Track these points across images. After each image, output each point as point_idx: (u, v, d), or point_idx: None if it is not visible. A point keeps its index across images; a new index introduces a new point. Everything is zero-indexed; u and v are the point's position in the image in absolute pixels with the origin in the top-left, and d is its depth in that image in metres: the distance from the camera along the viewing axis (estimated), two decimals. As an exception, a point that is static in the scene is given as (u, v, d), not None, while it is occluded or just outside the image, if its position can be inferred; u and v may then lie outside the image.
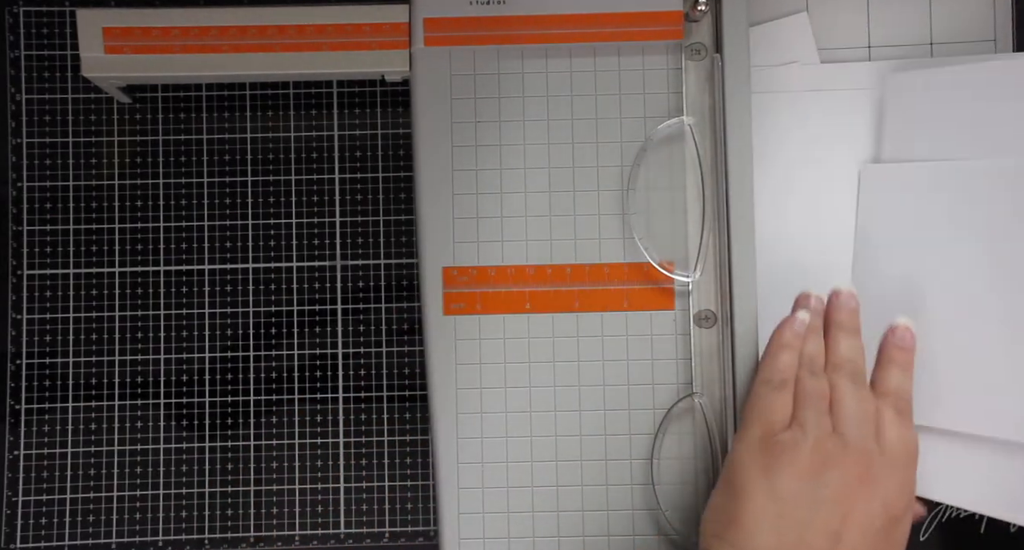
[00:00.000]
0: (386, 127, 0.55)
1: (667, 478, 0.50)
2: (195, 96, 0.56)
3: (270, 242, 0.55)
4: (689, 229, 0.50)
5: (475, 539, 0.50)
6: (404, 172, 0.55)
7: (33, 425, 0.54)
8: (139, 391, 0.55)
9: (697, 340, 0.50)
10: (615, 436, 0.50)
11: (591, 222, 0.51)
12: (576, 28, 0.51)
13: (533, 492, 0.50)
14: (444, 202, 0.51)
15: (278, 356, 0.55)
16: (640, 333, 0.50)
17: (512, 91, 0.52)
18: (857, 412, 0.45)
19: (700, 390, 0.50)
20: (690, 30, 0.51)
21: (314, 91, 0.56)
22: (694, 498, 0.50)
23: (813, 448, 0.44)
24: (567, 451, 0.50)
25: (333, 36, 0.51)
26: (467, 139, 0.51)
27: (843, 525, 0.43)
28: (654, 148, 0.51)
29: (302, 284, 0.55)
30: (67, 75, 0.55)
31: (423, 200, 0.51)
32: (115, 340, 0.55)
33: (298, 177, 0.55)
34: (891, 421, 0.45)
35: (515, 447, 0.50)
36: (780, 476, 0.44)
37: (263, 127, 0.55)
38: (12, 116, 0.55)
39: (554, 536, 0.50)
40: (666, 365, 0.50)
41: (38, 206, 0.55)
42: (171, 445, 0.55)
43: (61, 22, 0.55)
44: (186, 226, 0.55)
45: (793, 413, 0.45)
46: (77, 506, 0.54)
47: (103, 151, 0.55)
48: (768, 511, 0.43)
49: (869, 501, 0.43)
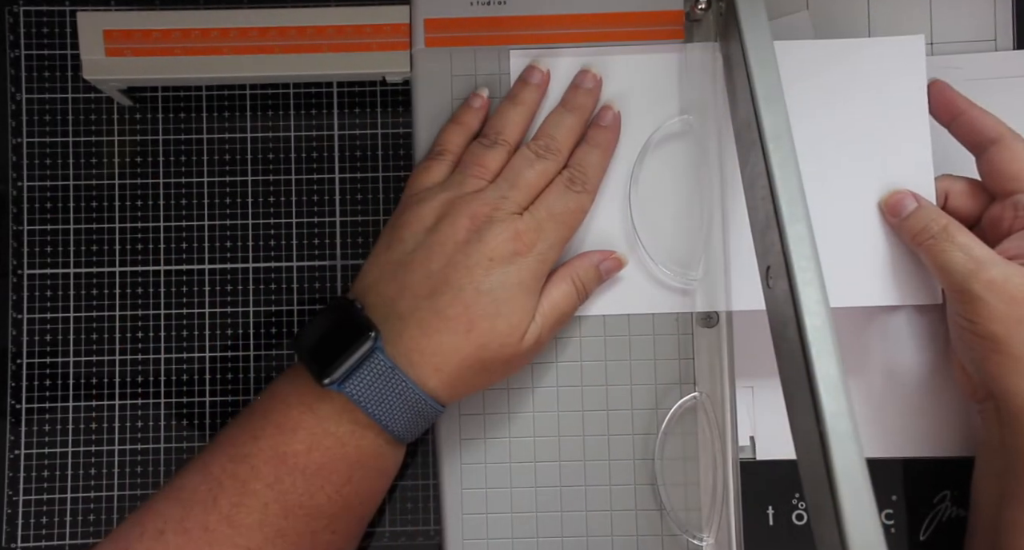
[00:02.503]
0: (386, 127, 0.55)
1: (670, 478, 0.50)
2: (195, 96, 0.56)
3: (270, 242, 0.55)
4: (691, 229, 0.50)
5: (479, 539, 0.50)
6: (404, 172, 0.55)
7: (34, 424, 0.54)
8: (139, 391, 0.55)
9: (700, 340, 0.50)
10: (618, 436, 0.50)
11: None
12: (577, 28, 0.51)
13: (536, 492, 0.50)
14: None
15: (278, 356, 0.55)
16: (642, 333, 0.50)
17: (513, 91, 0.52)
18: (517, 177, 0.47)
19: (703, 390, 0.50)
20: (691, 29, 0.51)
21: (314, 91, 0.56)
22: (698, 498, 0.50)
23: (442, 202, 0.47)
24: (570, 451, 0.50)
25: (334, 37, 0.51)
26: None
27: (442, 266, 0.45)
28: (656, 147, 0.51)
29: (302, 284, 0.55)
30: (67, 75, 0.55)
31: (424, 200, 0.51)
32: (115, 340, 0.55)
33: (298, 177, 0.55)
34: (555, 187, 0.48)
35: (518, 447, 0.50)
36: (399, 227, 0.47)
37: (263, 127, 0.55)
38: (12, 116, 0.55)
39: (557, 536, 0.50)
40: (669, 365, 0.50)
41: (38, 206, 0.55)
42: (171, 445, 0.54)
43: (61, 22, 0.55)
44: (186, 226, 0.55)
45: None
46: (77, 506, 0.54)
47: (103, 151, 0.55)
48: (379, 257, 0.47)
49: (472, 243, 0.45)
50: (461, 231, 0.45)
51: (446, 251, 0.45)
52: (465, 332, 0.44)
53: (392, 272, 0.46)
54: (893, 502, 0.52)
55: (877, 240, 0.49)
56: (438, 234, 0.45)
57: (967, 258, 0.45)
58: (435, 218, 0.46)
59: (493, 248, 0.45)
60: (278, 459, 0.44)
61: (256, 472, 0.43)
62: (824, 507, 0.35)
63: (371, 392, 0.44)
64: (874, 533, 0.34)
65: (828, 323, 0.37)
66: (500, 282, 0.45)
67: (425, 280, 0.45)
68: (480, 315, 0.44)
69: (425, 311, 0.44)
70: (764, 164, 0.41)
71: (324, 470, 0.44)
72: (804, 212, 0.39)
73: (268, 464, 0.43)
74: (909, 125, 0.49)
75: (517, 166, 0.48)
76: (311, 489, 0.44)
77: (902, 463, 0.52)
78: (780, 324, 0.40)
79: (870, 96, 0.50)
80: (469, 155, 0.49)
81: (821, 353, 0.37)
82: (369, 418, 0.44)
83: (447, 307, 0.44)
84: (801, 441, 0.38)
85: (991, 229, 0.48)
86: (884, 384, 0.52)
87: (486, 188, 0.47)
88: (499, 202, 0.46)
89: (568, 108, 0.50)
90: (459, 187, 0.47)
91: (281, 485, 0.43)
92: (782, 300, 0.39)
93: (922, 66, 0.49)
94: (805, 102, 0.50)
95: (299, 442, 0.44)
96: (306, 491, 0.44)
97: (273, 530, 0.43)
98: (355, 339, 0.43)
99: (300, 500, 0.44)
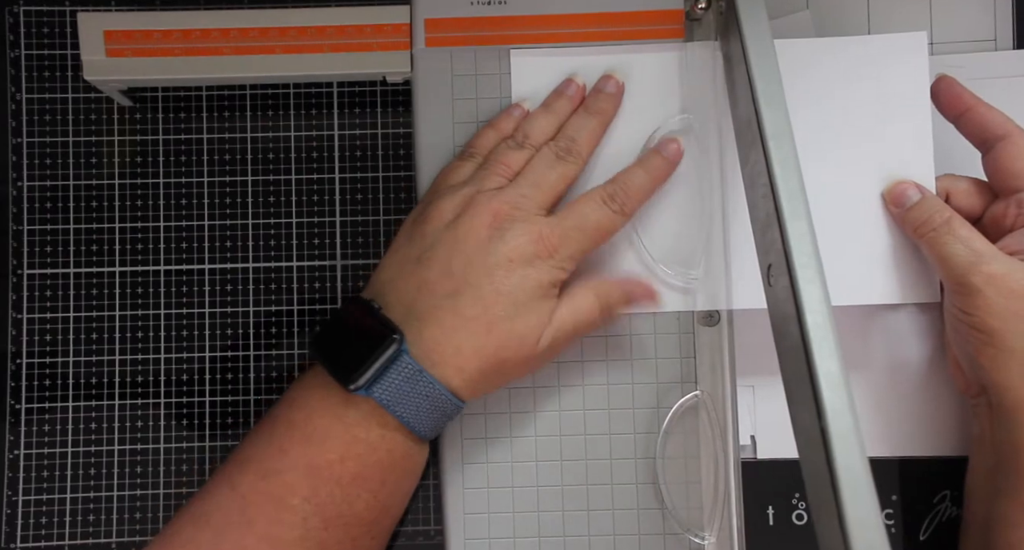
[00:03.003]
0: (386, 127, 0.55)
1: (671, 477, 0.50)
2: (195, 96, 0.56)
3: (270, 242, 0.55)
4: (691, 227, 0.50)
5: (480, 539, 0.50)
6: (404, 172, 0.55)
7: (33, 425, 0.54)
8: (139, 391, 0.54)
9: (701, 339, 0.50)
10: (619, 435, 0.50)
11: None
12: (577, 28, 0.51)
13: (538, 491, 0.50)
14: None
15: (278, 356, 0.55)
16: (643, 332, 0.50)
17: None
18: (537, 176, 0.47)
19: (704, 389, 0.50)
20: (691, 28, 0.51)
21: (314, 91, 0.56)
22: (699, 496, 0.50)
23: (464, 197, 0.46)
24: (571, 450, 0.50)
25: (334, 37, 0.51)
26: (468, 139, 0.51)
27: (462, 264, 0.45)
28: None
29: (302, 284, 0.55)
30: (67, 75, 0.55)
31: (424, 200, 0.51)
32: (115, 340, 0.55)
33: (298, 177, 0.55)
34: (591, 200, 0.47)
35: (519, 447, 0.50)
36: (421, 222, 0.46)
37: (263, 127, 0.55)
38: (12, 116, 0.55)
39: (559, 535, 0.50)
40: (670, 364, 0.50)
41: (38, 206, 0.55)
42: (171, 445, 0.54)
43: (61, 22, 0.55)
44: (186, 226, 0.55)
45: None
46: (77, 506, 0.54)
47: (103, 151, 0.55)
48: (399, 252, 0.46)
49: (493, 240, 0.45)
50: (482, 228, 0.45)
51: (466, 249, 0.45)
52: (485, 333, 0.44)
53: (411, 270, 0.45)
54: (893, 502, 0.52)
55: (878, 238, 0.49)
56: (458, 230, 0.45)
57: (968, 251, 0.45)
58: (455, 213, 0.46)
59: (514, 248, 0.45)
60: (312, 471, 0.43)
61: (291, 487, 0.43)
62: (826, 505, 0.35)
63: (399, 395, 0.43)
64: (876, 532, 0.34)
65: (829, 320, 0.37)
66: (519, 284, 0.44)
67: (444, 278, 0.44)
68: (500, 316, 0.44)
69: (445, 310, 0.44)
70: (765, 162, 0.41)
71: (359, 477, 0.44)
72: (805, 209, 0.39)
73: (302, 477, 0.43)
74: (912, 123, 0.49)
75: (538, 167, 0.47)
76: (349, 497, 0.43)
77: (902, 463, 0.52)
78: (781, 322, 0.40)
79: (873, 93, 0.50)
80: (494, 153, 0.49)
81: (822, 350, 0.37)
82: (397, 420, 0.44)
83: (467, 307, 0.44)
84: (802, 439, 0.38)
85: (993, 226, 0.48)
86: (885, 383, 0.52)
87: (507, 186, 0.47)
88: (520, 201, 0.46)
89: (591, 111, 0.50)
90: (481, 182, 0.47)
91: (319, 497, 0.43)
92: (783, 298, 0.39)
93: (924, 63, 0.49)
94: (808, 100, 0.50)
95: (331, 451, 0.43)
96: (344, 500, 0.43)
97: (315, 543, 0.43)
98: (379, 342, 0.43)
99: (339, 510, 0.43)
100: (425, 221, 0.46)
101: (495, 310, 0.44)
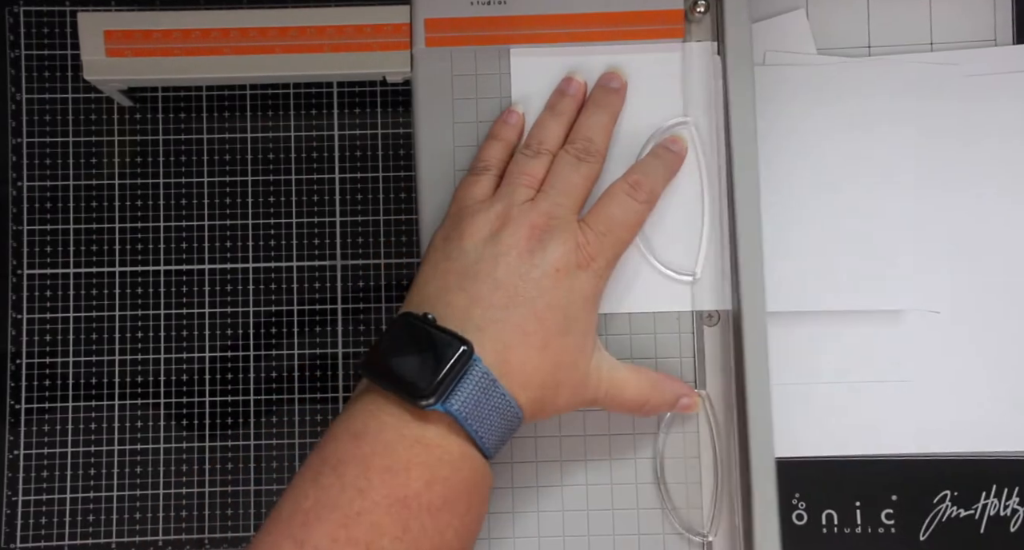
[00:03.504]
0: (386, 127, 0.55)
1: (673, 477, 0.50)
2: (195, 96, 0.56)
3: (270, 242, 0.55)
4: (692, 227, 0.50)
5: (480, 539, 0.50)
6: (404, 172, 0.55)
7: (33, 425, 0.54)
8: (139, 391, 0.55)
9: (701, 338, 0.50)
10: (619, 435, 0.50)
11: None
12: (577, 28, 0.51)
13: (538, 492, 0.50)
14: (445, 202, 0.51)
15: (278, 356, 0.55)
16: (644, 332, 0.50)
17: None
18: (564, 182, 0.46)
19: (705, 389, 0.50)
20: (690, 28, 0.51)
21: (314, 91, 0.56)
22: (700, 496, 0.50)
23: (497, 213, 0.45)
24: (571, 451, 0.50)
25: (334, 37, 0.51)
26: (468, 139, 0.51)
27: (512, 278, 0.43)
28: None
29: (302, 284, 0.55)
30: (67, 75, 0.55)
31: (423, 200, 0.51)
32: (115, 340, 0.55)
33: (298, 177, 0.55)
34: (612, 196, 0.47)
35: (520, 447, 0.50)
36: (456, 238, 0.45)
37: (263, 127, 0.55)
38: (12, 116, 0.55)
39: (559, 535, 0.50)
40: (670, 364, 0.50)
41: (38, 206, 0.55)
42: (171, 445, 0.54)
43: (61, 22, 0.55)
44: (186, 226, 0.55)
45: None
46: (77, 506, 0.54)
47: (103, 151, 0.55)
48: (438, 267, 0.45)
49: (536, 253, 0.44)
50: (523, 241, 0.44)
51: (510, 261, 0.43)
52: (542, 348, 0.43)
53: (458, 283, 0.44)
54: (893, 502, 0.52)
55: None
56: (499, 245, 0.44)
57: None
58: (491, 230, 0.45)
59: (557, 258, 0.44)
60: (400, 506, 0.39)
61: (379, 528, 0.38)
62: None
63: (474, 407, 0.41)
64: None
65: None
66: (568, 297, 0.44)
67: (495, 291, 0.43)
68: (554, 332, 0.43)
69: (502, 323, 0.42)
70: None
71: (448, 503, 0.40)
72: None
73: (389, 515, 0.39)
74: None
75: (562, 172, 0.47)
76: (439, 527, 0.40)
77: (902, 463, 0.52)
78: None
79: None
80: (514, 165, 0.48)
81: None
82: (471, 436, 0.41)
83: (524, 321, 0.42)
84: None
85: None
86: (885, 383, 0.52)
87: (537, 197, 0.46)
88: (554, 210, 0.45)
89: (600, 106, 0.49)
90: (510, 197, 0.46)
91: (410, 534, 0.39)
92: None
93: None
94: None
95: (416, 480, 0.40)
96: (435, 531, 0.40)
97: None
98: (447, 350, 0.40)
99: (432, 543, 0.40)
100: (462, 237, 0.45)
101: (549, 325, 0.43)
